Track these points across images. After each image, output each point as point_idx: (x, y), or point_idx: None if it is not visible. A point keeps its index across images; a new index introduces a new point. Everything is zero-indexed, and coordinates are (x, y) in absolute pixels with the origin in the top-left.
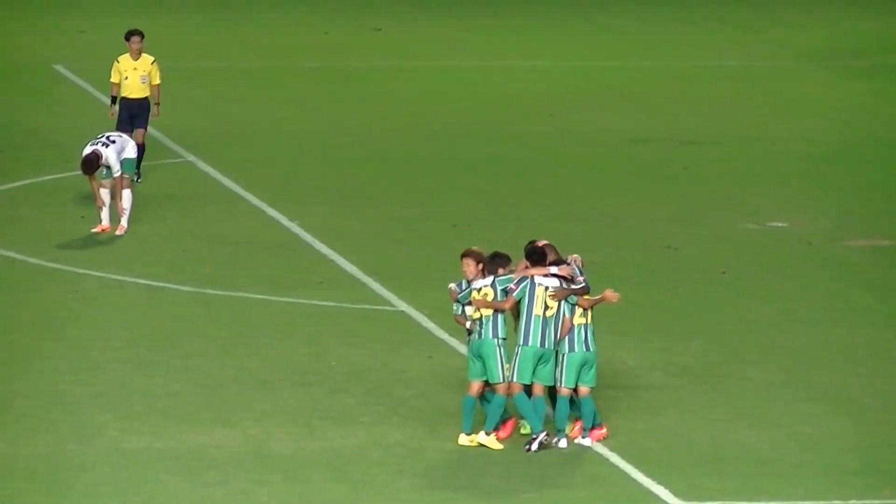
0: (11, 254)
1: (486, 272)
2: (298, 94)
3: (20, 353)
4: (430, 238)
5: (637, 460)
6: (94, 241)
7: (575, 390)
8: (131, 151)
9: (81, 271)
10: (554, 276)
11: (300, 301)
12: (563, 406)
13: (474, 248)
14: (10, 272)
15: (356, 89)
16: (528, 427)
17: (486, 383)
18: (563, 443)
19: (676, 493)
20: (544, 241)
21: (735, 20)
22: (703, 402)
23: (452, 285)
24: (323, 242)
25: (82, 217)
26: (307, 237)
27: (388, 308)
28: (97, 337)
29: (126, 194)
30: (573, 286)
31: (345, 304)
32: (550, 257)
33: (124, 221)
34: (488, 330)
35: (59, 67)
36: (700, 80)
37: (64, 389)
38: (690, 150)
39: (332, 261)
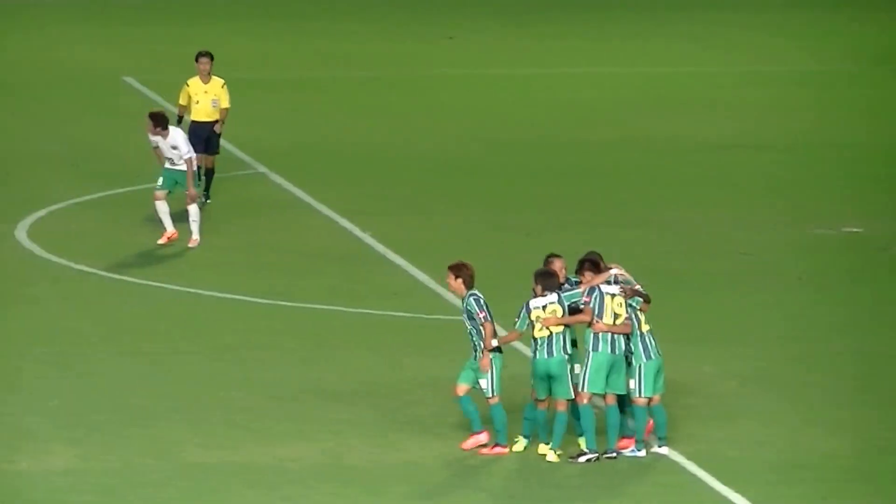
0: (83, 267)
1: (543, 289)
2: (370, 103)
3: (94, 367)
4: (503, 247)
5: (714, 468)
6: (166, 253)
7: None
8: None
9: (154, 284)
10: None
11: (374, 312)
12: (641, 416)
13: (463, 261)
14: (82, 286)
15: (428, 98)
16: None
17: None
18: (642, 452)
19: (755, 501)
20: (590, 255)
21: (808, 24)
22: (779, 408)
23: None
24: (396, 253)
25: (154, 230)
26: (380, 248)
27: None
28: (171, 350)
29: (193, 208)
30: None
31: (419, 315)
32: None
33: (196, 234)
34: (559, 347)
35: (129, 79)
36: (773, 86)
37: (139, 403)
38: (764, 156)
39: (406, 271)
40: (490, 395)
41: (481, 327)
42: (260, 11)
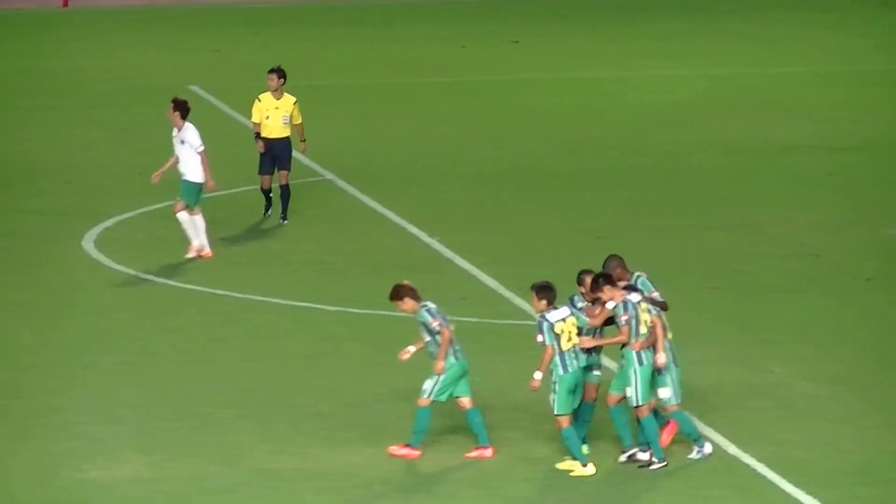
0: (151, 276)
1: (548, 303)
2: (436, 109)
3: (163, 376)
4: (572, 251)
5: (786, 470)
6: (233, 262)
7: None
8: (195, 174)
9: (222, 293)
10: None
11: None
12: (684, 419)
13: (398, 283)
14: (150, 295)
15: (495, 103)
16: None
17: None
18: (707, 447)
19: None
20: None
21: (879, 24)
22: (852, 410)
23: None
24: (464, 258)
25: (222, 239)
26: (448, 253)
27: (531, 323)
28: (240, 359)
29: (180, 216)
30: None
31: (488, 320)
32: (617, 271)
33: (194, 241)
34: (588, 356)
35: (195, 88)
36: (844, 86)
37: (209, 412)
38: (835, 157)
39: (474, 276)
40: (427, 396)
41: (438, 336)
42: (327, 18)
